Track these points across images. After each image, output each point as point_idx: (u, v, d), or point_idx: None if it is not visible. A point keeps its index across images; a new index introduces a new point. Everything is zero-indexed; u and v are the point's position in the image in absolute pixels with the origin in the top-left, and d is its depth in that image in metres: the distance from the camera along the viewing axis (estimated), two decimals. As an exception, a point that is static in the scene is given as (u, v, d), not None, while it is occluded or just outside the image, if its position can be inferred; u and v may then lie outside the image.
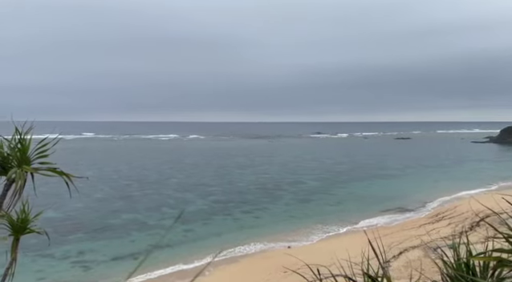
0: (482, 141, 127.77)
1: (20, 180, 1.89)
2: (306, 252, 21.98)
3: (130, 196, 40.22)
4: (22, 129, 2.01)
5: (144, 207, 35.41)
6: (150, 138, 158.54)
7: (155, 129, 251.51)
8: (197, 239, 26.77)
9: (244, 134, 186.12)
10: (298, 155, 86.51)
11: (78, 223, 30.40)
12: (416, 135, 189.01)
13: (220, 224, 30.41)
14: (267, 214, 33.56)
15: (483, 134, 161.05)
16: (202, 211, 34.07)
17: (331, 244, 23.80)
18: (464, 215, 29.92)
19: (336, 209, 34.80)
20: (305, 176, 53.45)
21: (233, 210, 34.73)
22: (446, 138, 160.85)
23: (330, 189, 44.21)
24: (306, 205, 36.74)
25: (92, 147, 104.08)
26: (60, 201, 33.48)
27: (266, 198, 39.54)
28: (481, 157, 79.07)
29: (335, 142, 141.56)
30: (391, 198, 38.45)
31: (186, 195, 41.21)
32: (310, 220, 30.86)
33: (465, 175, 52.49)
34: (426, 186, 44.70)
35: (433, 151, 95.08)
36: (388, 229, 27.14)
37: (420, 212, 33.19)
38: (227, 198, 39.59)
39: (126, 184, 47.07)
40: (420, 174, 55.69)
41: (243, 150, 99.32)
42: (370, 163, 68.38)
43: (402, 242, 24.25)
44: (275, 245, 25.23)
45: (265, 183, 48.48)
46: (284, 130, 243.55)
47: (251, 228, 29.08)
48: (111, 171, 57.19)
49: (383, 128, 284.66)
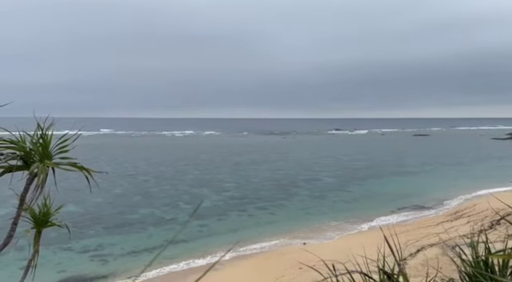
0: (503, 138, 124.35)
1: (42, 174, 1.94)
2: (322, 249, 21.89)
3: (147, 192, 40.81)
4: (44, 125, 2.06)
5: (161, 203, 35.88)
6: (166, 134, 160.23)
7: (171, 125, 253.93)
8: (212, 234, 26.99)
9: (259, 131, 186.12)
10: (314, 151, 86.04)
11: (97, 217, 31.04)
12: (435, 132, 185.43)
13: (235, 220, 30.58)
14: (282, 210, 33.55)
15: (504, 131, 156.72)
16: (217, 207, 34.30)
17: (347, 241, 23.65)
18: (483, 213, 29.28)
19: (352, 206, 34.52)
20: (321, 173, 53.15)
21: (248, 206, 34.85)
22: (465, 135, 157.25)
23: (346, 186, 43.86)
24: (321, 202, 36.56)
25: (111, 143, 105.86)
26: (80, 196, 34.28)
27: (281, 194, 39.52)
28: (502, 154, 77.03)
29: (351, 138, 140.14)
30: (408, 195, 37.90)
31: (202, 190, 41.55)
32: (326, 217, 30.71)
33: (485, 173, 51.26)
34: (444, 184, 43.87)
35: (452, 148, 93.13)
36: (404, 227, 26.79)
37: (437, 210, 32.62)
38: (242, 194, 39.74)
39: (144, 180, 47.77)
40: (438, 171, 54.67)
41: (258, 146, 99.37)
42: (387, 160, 67.49)
43: (419, 240, 23.91)
44: (290, 242, 25.22)
45: (280, 179, 48.44)
46: (299, 127, 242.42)
47: (266, 225, 29.13)
48: (130, 167, 58.11)
49: (401, 125, 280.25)
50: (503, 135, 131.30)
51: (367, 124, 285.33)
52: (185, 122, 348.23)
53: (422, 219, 29.87)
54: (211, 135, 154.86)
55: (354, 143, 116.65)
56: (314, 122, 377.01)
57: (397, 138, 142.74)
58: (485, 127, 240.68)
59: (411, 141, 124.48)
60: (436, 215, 30.67)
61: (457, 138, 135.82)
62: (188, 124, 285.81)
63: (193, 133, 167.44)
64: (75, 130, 2.30)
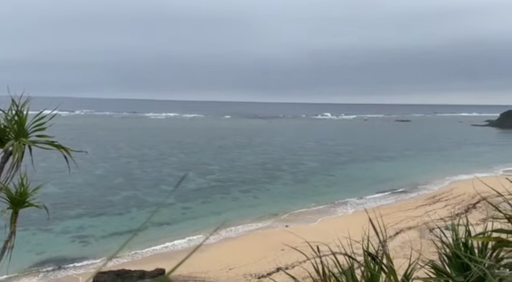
0: (482, 124, 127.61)
1: (18, 152, 1.86)
2: (304, 231, 22.28)
3: (130, 174, 40.44)
4: (19, 102, 1.97)
5: (144, 185, 35.65)
6: (149, 116, 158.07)
7: (154, 107, 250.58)
8: (196, 216, 27.09)
9: (244, 114, 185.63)
10: (299, 135, 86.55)
11: (78, 199, 30.67)
12: (417, 118, 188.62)
13: (219, 203, 30.71)
14: (266, 194, 33.83)
15: (483, 118, 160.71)
16: (201, 190, 34.33)
17: (328, 224, 24.12)
18: (460, 197, 30.21)
19: (334, 190, 35.07)
20: (304, 157, 53.61)
21: (232, 189, 34.99)
22: (446, 121, 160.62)
23: (329, 170, 44.43)
24: (304, 185, 37.01)
25: (91, 124, 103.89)
26: (61, 177, 33.72)
27: (265, 178, 39.78)
28: (481, 140, 79.16)
29: (337, 123, 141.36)
30: (388, 180, 38.69)
31: (185, 173, 41.40)
32: (309, 200, 31.14)
33: (462, 159, 52.66)
34: (424, 168, 44.90)
35: (432, 134, 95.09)
36: (384, 210, 27.42)
37: (416, 194, 33.47)
38: (226, 177, 39.83)
39: (126, 162, 47.25)
40: (418, 156, 55.86)
41: (243, 129, 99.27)
42: (369, 145, 68.50)
43: (398, 223, 24.57)
44: (273, 224, 25.56)
45: (264, 162, 48.67)
46: (285, 111, 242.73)
47: (250, 207, 29.38)
48: (111, 149, 57.31)
49: (385, 110, 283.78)
50: (482, 122, 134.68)
51: (354, 109, 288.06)
52: (169, 104, 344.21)
53: (401, 202, 30.63)
54: (195, 118, 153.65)
55: (338, 128, 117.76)
56: (300, 107, 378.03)
57: (380, 123, 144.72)
58: (464, 114, 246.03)
59: (393, 127, 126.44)
60: (415, 199, 31.49)
61: (437, 124, 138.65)
62: (173, 106, 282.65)
63: (177, 115, 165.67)
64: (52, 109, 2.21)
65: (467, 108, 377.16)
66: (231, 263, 19.26)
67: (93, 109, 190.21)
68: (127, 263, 19.36)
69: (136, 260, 19.87)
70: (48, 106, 2.45)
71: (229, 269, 18.71)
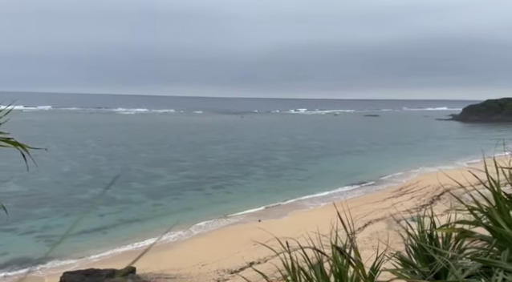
0: (446, 119, 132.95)
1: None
2: (277, 226, 22.48)
3: (98, 171, 39.32)
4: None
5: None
6: (118, 111, 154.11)
7: (124, 102, 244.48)
8: (167, 213, 26.75)
9: (216, 110, 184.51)
10: (271, 131, 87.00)
11: (44, 197, 29.55)
12: (384, 113, 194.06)
13: (191, 199, 30.43)
14: (238, 189, 33.84)
15: (447, 112, 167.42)
16: (173, 186, 33.89)
17: (300, 218, 24.44)
18: (426, 189, 31.38)
19: (306, 184, 35.56)
20: (276, 152, 53.98)
21: (205, 185, 34.76)
22: (412, 116, 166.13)
23: (300, 164, 44.96)
24: (277, 180, 37.29)
25: (57, 120, 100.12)
26: (25, 175, 32.30)
27: (238, 173, 39.76)
28: (444, 134, 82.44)
29: (308, 119, 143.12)
30: (358, 173, 39.62)
31: (156, 170, 40.73)
32: (281, 195, 31.42)
33: (427, 152, 54.69)
34: (391, 162, 46.28)
35: (399, 128, 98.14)
36: (353, 203, 28.10)
37: (384, 187, 34.49)
38: (198, 173, 39.50)
39: (94, 159, 45.91)
40: (386, 150, 57.52)
41: (215, 125, 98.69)
42: (339, 140, 69.84)
43: (367, 215, 25.24)
44: (246, 219, 25.63)
45: (237, 158, 48.62)
46: (257, 106, 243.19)
47: (222, 203, 29.31)
48: (78, 145, 55.51)
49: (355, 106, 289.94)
50: (446, 116, 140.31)
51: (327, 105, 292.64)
52: (139, 100, 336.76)
53: (370, 195, 31.49)
54: (166, 114, 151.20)
55: (310, 123, 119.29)
56: (271, 102, 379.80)
57: (350, 118, 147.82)
58: (430, 109, 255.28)
59: (362, 121, 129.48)
60: (382, 192, 32.44)
61: (404, 119, 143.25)
62: (143, 101, 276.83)
63: (147, 111, 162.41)
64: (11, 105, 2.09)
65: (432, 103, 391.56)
66: (203, 259, 19.16)
67: (59, 104, 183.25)
68: (97, 263, 18.88)
69: (106, 260, 19.41)
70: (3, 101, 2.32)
71: (202, 265, 18.62)
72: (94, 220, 24.93)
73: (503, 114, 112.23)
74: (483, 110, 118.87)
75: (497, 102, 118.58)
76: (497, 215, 1.63)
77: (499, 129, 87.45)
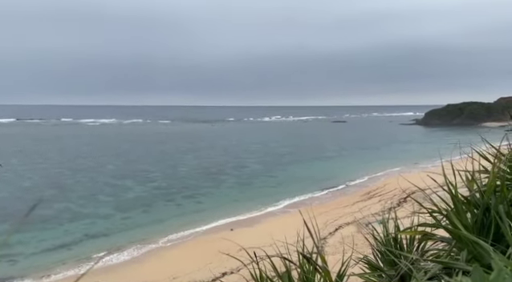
0: (409, 123, 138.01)
1: None
2: (249, 235, 22.39)
3: (62, 185, 37.79)
4: None
5: (78, 196, 33.53)
6: (84, 122, 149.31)
7: (89, 113, 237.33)
8: (136, 226, 26.01)
9: (185, 119, 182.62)
10: (241, 138, 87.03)
11: (3, 213, 27.99)
12: (351, 119, 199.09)
13: (161, 211, 29.80)
14: (210, 198, 33.50)
15: (411, 117, 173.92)
16: (142, 198, 33.09)
17: (272, 225, 24.46)
18: (392, 192, 32.28)
19: (277, 191, 35.72)
20: (248, 160, 54.00)
21: (175, 196, 34.16)
22: (377, 121, 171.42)
23: (271, 171, 45.18)
24: (248, 188, 37.25)
25: (16, 133, 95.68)
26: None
27: (209, 182, 39.40)
28: (409, 138, 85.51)
29: (277, 125, 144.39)
30: (327, 178, 40.28)
31: (124, 181, 39.66)
32: (253, 203, 31.37)
33: (394, 155, 56.47)
34: (359, 166, 47.41)
35: (366, 134, 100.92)
36: (324, 207, 28.50)
37: (353, 191, 35.23)
38: (168, 184, 38.81)
39: (57, 172, 44.11)
40: (353, 155, 58.90)
41: (185, 134, 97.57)
42: (309, 146, 70.85)
43: (337, 219, 25.64)
44: (218, 229, 25.35)
45: (207, 167, 48.20)
46: (227, 115, 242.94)
47: (193, 213, 28.88)
48: (40, 159, 53.19)
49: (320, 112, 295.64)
50: (409, 121, 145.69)
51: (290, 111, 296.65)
52: (105, 110, 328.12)
53: (340, 199, 32.05)
54: (134, 123, 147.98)
55: (278, 129, 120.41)
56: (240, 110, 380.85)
57: (318, 124, 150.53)
58: (394, 114, 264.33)
59: (330, 127, 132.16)
60: (351, 196, 33.10)
61: (370, 125, 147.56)
62: (109, 112, 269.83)
63: (114, 121, 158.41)
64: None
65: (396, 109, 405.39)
66: (175, 271, 18.74)
67: (19, 116, 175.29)
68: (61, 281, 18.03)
69: (71, 277, 18.57)
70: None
71: (173, 278, 18.20)
72: (58, 236, 23.90)
73: (462, 117, 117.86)
74: (444, 114, 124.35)
75: (457, 106, 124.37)
76: (454, 217, 1.69)
77: (458, 132, 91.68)
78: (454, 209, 1.74)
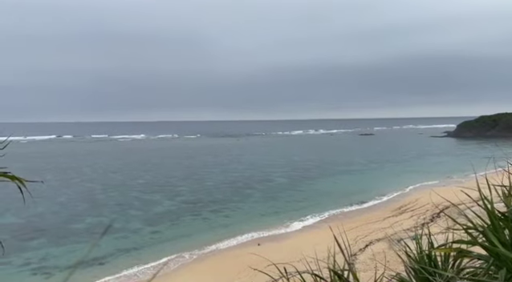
0: (440, 136, 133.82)
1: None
2: (276, 250, 22.16)
3: (94, 199, 38.90)
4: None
5: (110, 210, 34.37)
6: (116, 138, 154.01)
7: (119, 129, 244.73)
8: (164, 240, 26.29)
9: (212, 133, 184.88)
10: (267, 152, 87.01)
11: (39, 228, 29.05)
12: (379, 131, 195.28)
13: (189, 225, 30.04)
14: (237, 213, 33.50)
15: (441, 129, 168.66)
16: (170, 212, 33.51)
17: (300, 240, 24.12)
18: (425, 207, 31.21)
19: (304, 205, 35.28)
20: (273, 174, 53.82)
21: (202, 210, 34.40)
22: (407, 134, 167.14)
23: (298, 186, 44.77)
24: (274, 202, 37.00)
25: (52, 150, 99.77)
26: (20, 206, 31.89)
27: (236, 196, 39.47)
28: (440, 151, 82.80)
29: (302, 139, 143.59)
30: (356, 192, 39.46)
31: (153, 196, 40.38)
32: (279, 217, 31.11)
33: (425, 169, 54.75)
34: (389, 180, 46.23)
35: (395, 146, 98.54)
36: (353, 223, 27.85)
37: (383, 206, 34.28)
38: (196, 198, 39.17)
39: (90, 187, 45.50)
40: (383, 168, 57.53)
41: (211, 149, 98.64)
42: (336, 159, 69.88)
43: (367, 235, 24.96)
44: (245, 243, 25.24)
45: (234, 181, 48.38)
46: (252, 129, 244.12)
47: (220, 227, 28.92)
48: (74, 174, 55.10)
49: (348, 125, 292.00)
50: (440, 133, 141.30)
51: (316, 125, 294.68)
52: (136, 126, 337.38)
53: (370, 214, 31.23)
54: (163, 139, 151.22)
55: (304, 143, 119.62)
56: (266, 124, 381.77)
57: (345, 138, 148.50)
58: (424, 126, 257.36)
59: (357, 140, 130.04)
60: (382, 211, 32.20)
61: (399, 137, 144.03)
62: (139, 128, 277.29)
63: (144, 137, 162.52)
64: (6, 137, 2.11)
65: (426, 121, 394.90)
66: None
67: (55, 133, 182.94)
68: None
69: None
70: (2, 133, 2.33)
71: (202, 293, 18.18)
72: (91, 251, 24.46)
73: (497, 129, 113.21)
74: (477, 126, 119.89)
75: (491, 117, 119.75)
76: (491, 234, 1.64)
77: (493, 145, 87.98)
78: (491, 225, 1.69)
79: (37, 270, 21.63)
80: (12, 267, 21.86)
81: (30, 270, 21.62)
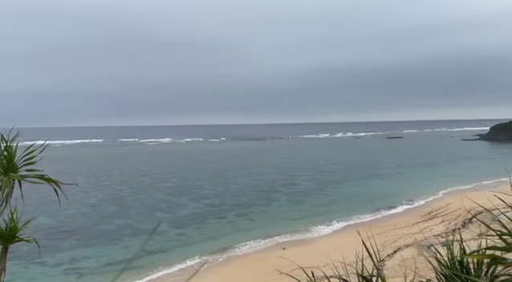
0: (472, 139, 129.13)
1: (7, 188, 1.85)
2: (301, 254, 21.98)
3: (123, 202, 39.89)
4: (8, 136, 1.97)
5: (137, 212, 35.13)
6: (142, 142, 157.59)
7: (147, 133, 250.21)
8: (190, 243, 26.61)
9: (237, 137, 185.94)
10: (292, 156, 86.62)
11: (71, 229, 30.05)
12: (408, 134, 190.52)
13: (214, 227, 30.28)
14: (262, 216, 33.49)
15: (473, 132, 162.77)
16: (196, 215, 33.89)
17: (326, 245, 23.83)
18: (456, 212, 30.16)
19: (330, 209, 34.86)
20: (299, 177, 53.49)
21: (227, 213, 34.60)
22: (437, 137, 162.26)
23: (323, 189, 44.29)
24: (300, 206, 36.75)
25: (83, 153, 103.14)
26: (53, 208, 33.13)
27: (261, 200, 39.48)
28: (472, 155, 79.88)
29: (328, 142, 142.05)
30: (383, 197, 38.63)
31: (179, 198, 40.98)
32: (305, 221, 30.86)
33: (456, 173, 52.94)
34: (418, 184, 44.99)
35: (425, 150, 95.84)
36: (381, 228, 27.26)
37: (412, 210, 33.38)
38: (221, 201, 39.45)
39: (119, 190, 46.69)
40: (412, 172, 56.06)
41: (237, 152, 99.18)
42: (362, 163, 68.70)
43: (396, 240, 24.36)
44: (270, 247, 25.18)
45: (259, 184, 48.42)
46: (277, 132, 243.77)
47: (246, 231, 28.99)
48: (104, 177, 56.70)
49: (375, 128, 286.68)
50: (472, 136, 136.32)
51: (342, 128, 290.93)
52: (163, 130, 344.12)
53: (398, 219, 30.48)
54: (189, 142, 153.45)
55: (330, 146, 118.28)
56: (291, 127, 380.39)
57: (372, 141, 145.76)
58: (455, 129, 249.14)
59: (385, 143, 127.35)
60: (411, 216, 31.36)
61: (429, 140, 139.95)
62: (164, 132, 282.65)
63: (171, 140, 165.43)
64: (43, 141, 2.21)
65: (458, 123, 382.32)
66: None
67: (87, 137, 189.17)
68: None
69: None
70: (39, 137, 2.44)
71: (227, 296, 18.26)
72: (118, 252, 25.08)
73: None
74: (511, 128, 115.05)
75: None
76: (527, 241, 1.59)
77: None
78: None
79: (68, 270, 22.36)
80: (45, 267, 22.70)
81: (63, 270, 22.38)
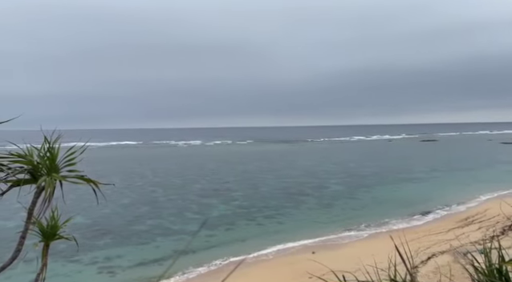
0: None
1: (49, 188, 1.95)
2: (331, 258, 21.67)
3: (155, 202, 40.85)
4: (51, 138, 2.08)
5: (169, 213, 35.85)
6: (173, 144, 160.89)
7: (178, 135, 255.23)
8: (220, 244, 26.85)
9: (266, 139, 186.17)
10: (321, 158, 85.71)
11: (105, 228, 31.08)
12: (443, 137, 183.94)
13: (243, 229, 30.42)
14: (291, 219, 33.32)
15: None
16: (225, 217, 34.18)
17: (356, 250, 23.39)
18: (495, 218, 28.82)
19: (361, 214, 34.20)
20: (328, 180, 52.85)
21: (257, 215, 34.67)
22: (474, 140, 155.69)
23: (354, 193, 43.52)
24: (329, 210, 36.28)
25: (118, 155, 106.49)
26: (88, 207, 34.43)
27: (290, 203, 39.30)
28: None
29: (358, 145, 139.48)
30: (417, 202, 37.47)
31: (209, 200, 41.49)
32: (335, 225, 30.43)
33: (495, 178, 50.59)
34: (454, 189, 43.34)
35: (460, 153, 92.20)
36: (414, 234, 26.44)
37: (448, 216, 32.17)
38: (250, 203, 39.59)
39: (151, 190, 47.86)
40: (447, 177, 54.07)
41: (265, 154, 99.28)
42: (395, 167, 66.97)
43: (430, 247, 23.55)
44: (299, 250, 25.00)
45: (288, 187, 48.23)
46: (307, 134, 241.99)
47: (275, 233, 28.93)
48: (137, 178, 58.30)
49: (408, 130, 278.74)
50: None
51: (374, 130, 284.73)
52: (193, 132, 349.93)
53: (432, 225, 29.48)
54: (218, 144, 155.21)
55: (361, 149, 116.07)
56: (319, 130, 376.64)
57: (405, 144, 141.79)
58: (494, 132, 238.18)
59: (418, 147, 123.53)
60: (446, 222, 30.24)
61: (466, 144, 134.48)
62: (194, 134, 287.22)
63: (201, 143, 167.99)
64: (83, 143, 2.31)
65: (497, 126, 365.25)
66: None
67: (120, 139, 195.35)
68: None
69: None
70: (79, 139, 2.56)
71: (256, 298, 18.27)
72: (150, 252, 25.68)
73: None
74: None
75: None
76: None
77: None
78: None
79: (102, 269, 23.10)
80: (81, 264, 23.57)
81: (97, 268, 23.14)
